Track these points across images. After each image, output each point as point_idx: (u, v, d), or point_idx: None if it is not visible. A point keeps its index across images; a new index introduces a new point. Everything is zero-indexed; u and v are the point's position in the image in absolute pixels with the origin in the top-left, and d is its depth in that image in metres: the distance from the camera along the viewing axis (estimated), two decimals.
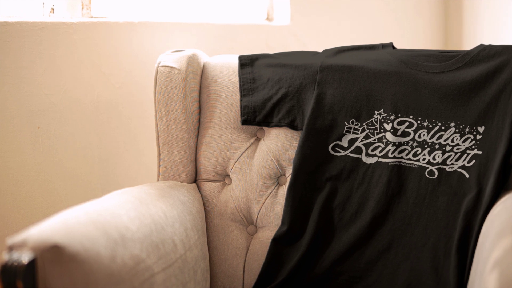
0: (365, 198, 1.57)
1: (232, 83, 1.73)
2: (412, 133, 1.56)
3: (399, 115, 1.58)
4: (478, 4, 2.59)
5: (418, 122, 1.56)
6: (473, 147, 1.51)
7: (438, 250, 1.48)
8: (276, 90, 1.68)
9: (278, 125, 1.68)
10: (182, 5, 2.21)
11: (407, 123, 1.57)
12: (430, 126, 1.55)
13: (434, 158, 1.54)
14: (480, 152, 1.50)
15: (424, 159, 1.55)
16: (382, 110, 1.59)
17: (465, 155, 1.52)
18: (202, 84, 1.75)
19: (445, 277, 1.44)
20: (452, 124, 1.54)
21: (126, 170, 2.05)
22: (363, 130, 1.60)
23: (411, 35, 2.71)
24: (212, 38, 2.18)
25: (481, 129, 1.51)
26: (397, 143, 1.57)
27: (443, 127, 1.54)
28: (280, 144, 1.68)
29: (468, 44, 2.61)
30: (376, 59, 1.65)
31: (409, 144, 1.56)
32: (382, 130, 1.59)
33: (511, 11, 2.38)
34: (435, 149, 1.54)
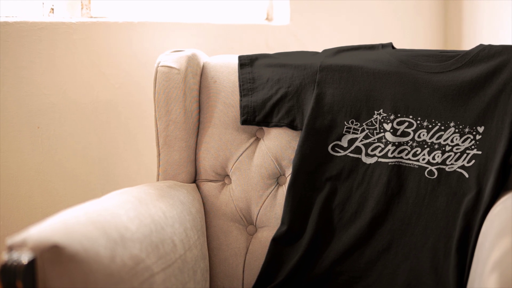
0: (365, 198, 1.57)
1: (232, 83, 1.73)
2: (412, 133, 1.56)
3: (399, 115, 1.58)
4: (478, 4, 2.59)
5: (418, 122, 1.56)
6: (473, 147, 1.51)
7: (438, 250, 1.48)
8: (276, 90, 1.68)
9: (278, 125, 1.68)
10: (182, 5, 2.21)
11: (407, 123, 1.57)
12: (430, 126, 1.55)
13: (434, 158, 1.54)
14: (480, 152, 1.50)
15: (424, 159, 1.55)
16: (382, 110, 1.59)
17: (465, 155, 1.52)
18: (202, 84, 1.75)
19: (445, 277, 1.44)
20: (452, 124, 1.54)
21: (126, 170, 2.05)
22: (363, 130, 1.60)
23: (411, 35, 2.71)
24: (212, 38, 2.18)
25: (481, 129, 1.51)
26: (397, 143, 1.57)
27: (443, 127, 1.54)
28: (280, 144, 1.68)
29: (468, 44, 2.61)
30: (376, 59, 1.65)
31: (409, 144, 1.56)
32: (382, 130, 1.58)
33: (511, 11, 2.38)
34: (435, 149, 1.54)
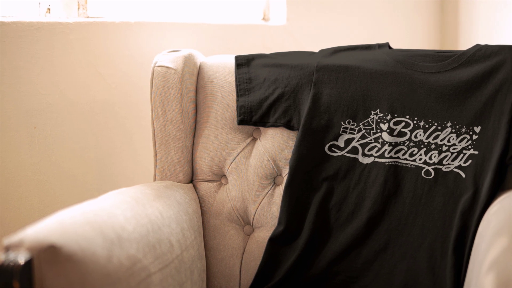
0: (362, 198, 1.57)
1: (229, 83, 1.73)
2: (409, 133, 1.56)
3: (396, 115, 1.58)
4: (474, 4, 2.60)
5: (415, 122, 1.56)
6: (470, 147, 1.51)
7: (435, 250, 1.48)
8: (273, 90, 1.68)
9: (275, 125, 1.68)
10: (179, 5, 2.21)
11: (404, 123, 1.57)
12: (427, 126, 1.55)
13: (431, 158, 1.54)
14: (477, 152, 1.50)
15: (421, 159, 1.55)
16: (379, 110, 1.59)
17: (462, 155, 1.52)
18: (199, 84, 1.74)
19: (442, 277, 1.44)
20: (449, 124, 1.54)
21: (123, 170, 2.05)
22: (360, 130, 1.60)
23: (408, 35, 2.71)
24: (209, 38, 2.18)
25: (478, 129, 1.51)
26: (394, 143, 1.57)
27: (440, 127, 1.55)
28: (277, 144, 1.68)
29: (464, 44, 2.62)
30: (373, 59, 1.65)
31: (406, 144, 1.56)
32: (379, 130, 1.59)
33: (507, 11, 2.39)
34: (432, 149, 1.54)
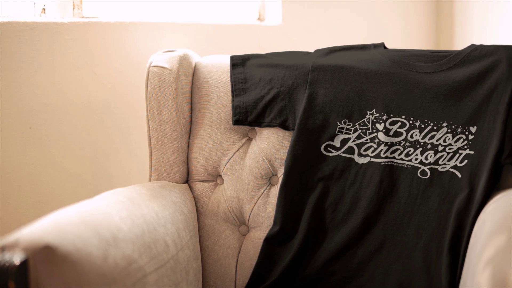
0: (357, 198, 1.57)
1: (224, 83, 1.72)
2: (404, 133, 1.57)
3: (391, 115, 1.58)
4: (470, 4, 2.60)
5: (410, 122, 1.57)
6: (465, 147, 1.51)
7: (430, 250, 1.48)
8: (268, 90, 1.68)
9: (270, 125, 1.68)
10: (174, 5, 2.21)
11: (399, 123, 1.57)
12: (422, 126, 1.56)
13: (427, 158, 1.54)
14: (472, 152, 1.51)
15: (417, 159, 1.55)
16: (374, 110, 1.60)
17: (457, 155, 1.52)
18: (194, 84, 1.74)
19: (437, 277, 1.44)
20: (444, 124, 1.54)
21: (119, 170, 2.05)
22: (355, 130, 1.60)
23: (403, 35, 2.71)
24: (204, 38, 2.18)
25: (473, 129, 1.52)
26: (389, 143, 1.57)
27: (435, 127, 1.55)
28: (272, 144, 1.68)
29: (460, 44, 2.62)
30: (368, 59, 1.65)
31: (402, 144, 1.56)
32: (374, 130, 1.59)
33: (502, 11, 2.39)
34: (427, 149, 1.54)
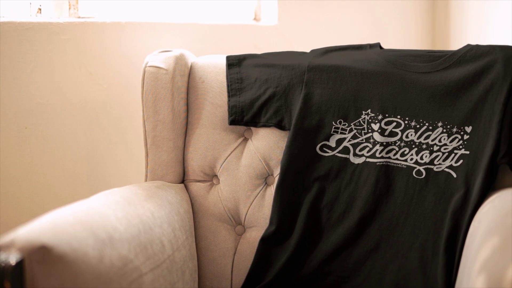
0: (353, 198, 1.57)
1: (220, 83, 1.72)
2: (400, 133, 1.57)
3: (387, 115, 1.58)
4: (465, 4, 2.60)
5: (406, 122, 1.57)
6: (461, 147, 1.52)
7: (426, 250, 1.48)
8: (264, 90, 1.68)
9: (266, 125, 1.68)
10: (170, 6, 2.21)
11: (395, 123, 1.58)
12: (418, 126, 1.56)
13: (422, 158, 1.54)
14: (468, 152, 1.51)
15: (412, 159, 1.55)
16: (370, 110, 1.60)
17: (453, 155, 1.52)
18: (190, 85, 1.74)
19: (433, 277, 1.44)
20: (440, 124, 1.54)
21: (116, 170, 2.05)
22: (351, 130, 1.60)
23: (399, 35, 2.71)
24: (200, 38, 2.18)
25: (469, 129, 1.52)
26: (385, 143, 1.57)
27: (431, 127, 1.55)
28: (268, 144, 1.68)
29: (455, 44, 2.62)
30: (364, 59, 1.65)
31: (397, 144, 1.57)
32: (370, 130, 1.59)
33: (498, 11, 2.39)
34: (423, 149, 1.55)
